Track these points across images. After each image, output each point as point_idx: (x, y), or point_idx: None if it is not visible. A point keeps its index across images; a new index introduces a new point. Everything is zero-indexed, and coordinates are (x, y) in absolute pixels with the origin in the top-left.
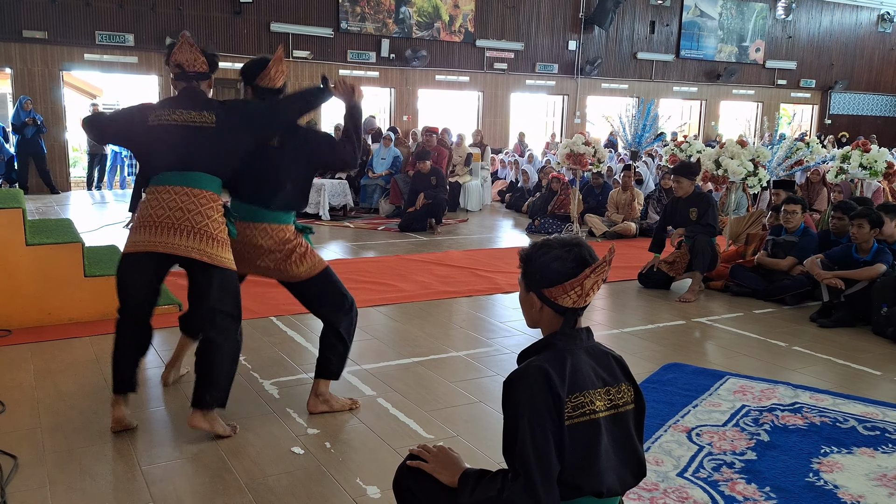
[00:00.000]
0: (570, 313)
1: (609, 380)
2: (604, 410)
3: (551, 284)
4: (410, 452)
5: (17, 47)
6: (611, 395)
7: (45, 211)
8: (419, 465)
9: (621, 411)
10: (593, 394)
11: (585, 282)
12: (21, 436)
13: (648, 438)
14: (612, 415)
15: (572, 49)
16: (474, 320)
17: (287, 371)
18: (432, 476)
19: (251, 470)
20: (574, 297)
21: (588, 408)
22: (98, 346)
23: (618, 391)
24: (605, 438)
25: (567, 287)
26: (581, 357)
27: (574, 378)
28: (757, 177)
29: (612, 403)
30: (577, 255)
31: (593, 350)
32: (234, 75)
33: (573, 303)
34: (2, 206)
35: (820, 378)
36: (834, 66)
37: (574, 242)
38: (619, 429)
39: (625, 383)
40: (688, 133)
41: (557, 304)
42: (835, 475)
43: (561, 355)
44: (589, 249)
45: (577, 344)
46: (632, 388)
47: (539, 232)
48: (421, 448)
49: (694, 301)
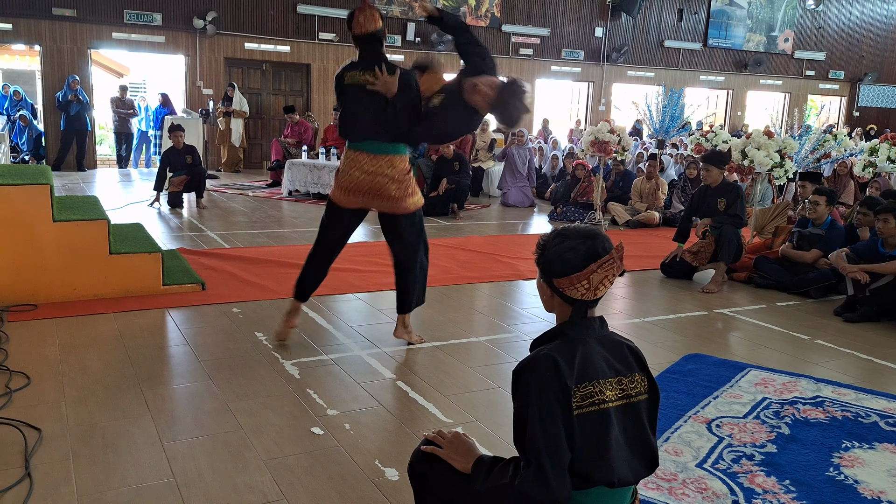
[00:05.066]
0: (580, 304)
1: (622, 369)
2: (614, 400)
3: (561, 275)
4: (425, 438)
5: (46, 25)
6: (623, 385)
7: (72, 188)
8: (433, 450)
9: (633, 401)
10: (603, 383)
11: (592, 276)
12: (46, 409)
13: (668, 428)
14: (623, 404)
15: (599, 36)
16: (495, 306)
17: (308, 352)
18: (447, 462)
19: (271, 449)
20: (582, 290)
21: (597, 397)
22: (121, 322)
23: (630, 381)
24: (616, 428)
25: (574, 280)
26: (593, 347)
27: (583, 367)
28: (783, 168)
29: (625, 393)
30: (589, 248)
31: (606, 340)
32: (261, 57)
33: (581, 295)
34: (30, 182)
35: (843, 372)
36: (864, 58)
37: (589, 234)
38: (631, 419)
39: (638, 373)
40: (714, 122)
41: (566, 295)
42: (856, 470)
43: (572, 345)
44: (604, 242)
45: (590, 334)
46: (646, 378)
47: (561, 219)
48: (436, 434)
49: (717, 292)
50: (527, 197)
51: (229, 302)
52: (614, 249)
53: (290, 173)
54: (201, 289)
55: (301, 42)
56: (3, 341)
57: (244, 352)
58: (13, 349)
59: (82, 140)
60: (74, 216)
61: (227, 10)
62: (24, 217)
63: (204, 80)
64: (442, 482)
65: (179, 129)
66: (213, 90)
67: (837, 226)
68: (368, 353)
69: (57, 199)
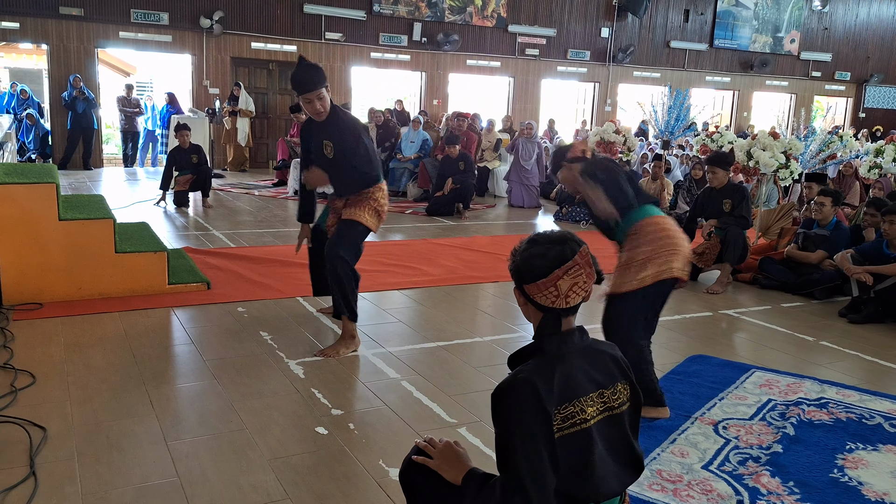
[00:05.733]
0: (551, 312)
1: (603, 381)
2: (596, 416)
3: (529, 281)
4: (416, 445)
5: (53, 24)
6: (604, 398)
7: (78, 186)
8: (424, 461)
9: (616, 413)
10: (584, 401)
11: (560, 283)
12: (51, 408)
13: (675, 430)
14: (605, 417)
15: (605, 36)
16: (500, 306)
17: (312, 351)
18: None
19: (275, 448)
20: (551, 297)
21: (578, 417)
22: (126, 321)
23: (612, 392)
24: (599, 446)
25: (542, 286)
26: (572, 362)
27: (563, 387)
28: (789, 169)
29: (606, 406)
30: (558, 254)
31: (586, 351)
32: (267, 56)
33: (552, 303)
34: (36, 180)
35: (847, 374)
36: (870, 59)
37: (559, 239)
38: (615, 429)
39: (620, 383)
40: (720, 123)
41: (537, 302)
42: (859, 472)
43: (550, 363)
44: (575, 247)
45: (568, 347)
46: (628, 385)
47: (567, 220)
48: (427, 442)
49: (722, 293)
50: (533, 197)
51: (234, 301)
52: (578, 255)
53: (296, 172)
54: (206, 288)
55: (307, 42)
56: (9, 340)
57: (249, 351)
58: (18, 348)
59: (89, 139)
60: (80, 215)
61: (233, 10)
62: (29, 216)
63: (210, 80)
64: (433, 492)
65: (185, 129)
66: (220, 89)
67: (842, 227)
68: (373, 352)
69: (63, 198)
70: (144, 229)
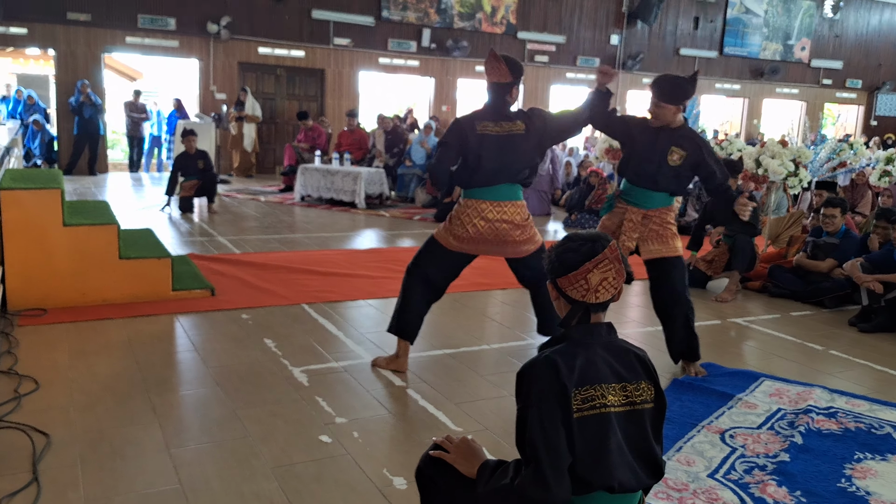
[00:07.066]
0: (578, 305)
1: (627, 376)
2: (617, 405)
3: (562, 274)
4: (434, 442)
5: (61, 29)
6: (627, 392)
7: (83, 192)
8: (441, 454)
9: (638, 409)
10: (606, 388)
11: (590, 276)
12: (54, 414)
13: (681, 438)
14: (626, 411)
15: (614, 43)
16: (508, 313)
17: (317, 359)
18: (454, 467)
19: (279, 457)
20: (581, 290)
21: (598, 401)
22: (130, 327)
23: (636, 388)
24: (618, 435)
25: (572, 279)
26: (596, 351)
27: (585, 370)
28: (798, 177)
29: (629, 399)
30: (589, 249)
31: (613, 346)
32: (275, 61)
33: (581, 296)
34: (41, 186)
35: (857, 383)
36: (882, 67)
37: (592, 238)
38: (634, 426)
39: (645, 381)
40: (729, 131)
41: (568, 295)
42: (868, 482)
43: (574, 348)
44: (605, 244)
45: (594, 339)
46: (653, 387)
47: (576, 226)
48: (445, 439)
49: (731, 301)
50: (543, 203)
51: (239, 308)
52: (607, 249)
53: (302, 178)
54: (211, 294)
55: (315, 47)
56: (13, 346)
57: (253, 358)
58: (23, 354)
59: (94, 144)
60: (85, 221)
61: (241, 15)
62: (34, 221)
63: (217, 85)
64: (448, 487)
65: (192, 134)
66: (227, 95)
67: (852, 235)
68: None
69: (68, 203)
70: (149, 235)
